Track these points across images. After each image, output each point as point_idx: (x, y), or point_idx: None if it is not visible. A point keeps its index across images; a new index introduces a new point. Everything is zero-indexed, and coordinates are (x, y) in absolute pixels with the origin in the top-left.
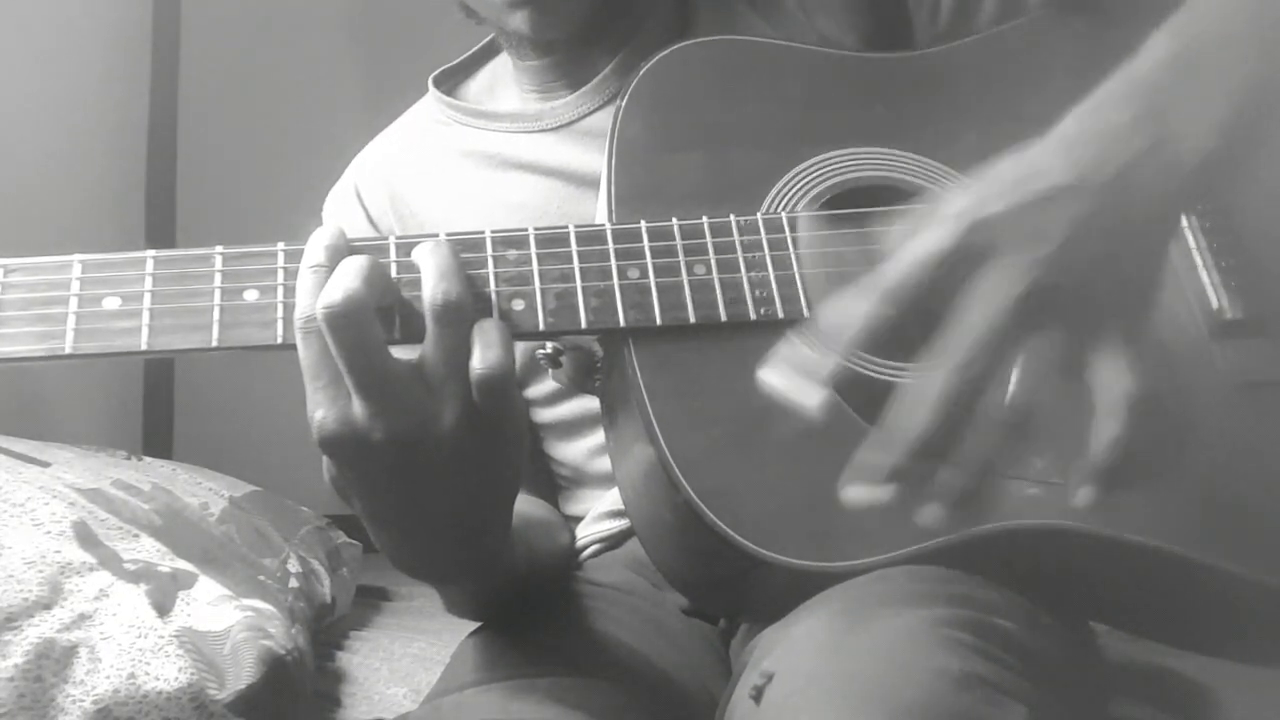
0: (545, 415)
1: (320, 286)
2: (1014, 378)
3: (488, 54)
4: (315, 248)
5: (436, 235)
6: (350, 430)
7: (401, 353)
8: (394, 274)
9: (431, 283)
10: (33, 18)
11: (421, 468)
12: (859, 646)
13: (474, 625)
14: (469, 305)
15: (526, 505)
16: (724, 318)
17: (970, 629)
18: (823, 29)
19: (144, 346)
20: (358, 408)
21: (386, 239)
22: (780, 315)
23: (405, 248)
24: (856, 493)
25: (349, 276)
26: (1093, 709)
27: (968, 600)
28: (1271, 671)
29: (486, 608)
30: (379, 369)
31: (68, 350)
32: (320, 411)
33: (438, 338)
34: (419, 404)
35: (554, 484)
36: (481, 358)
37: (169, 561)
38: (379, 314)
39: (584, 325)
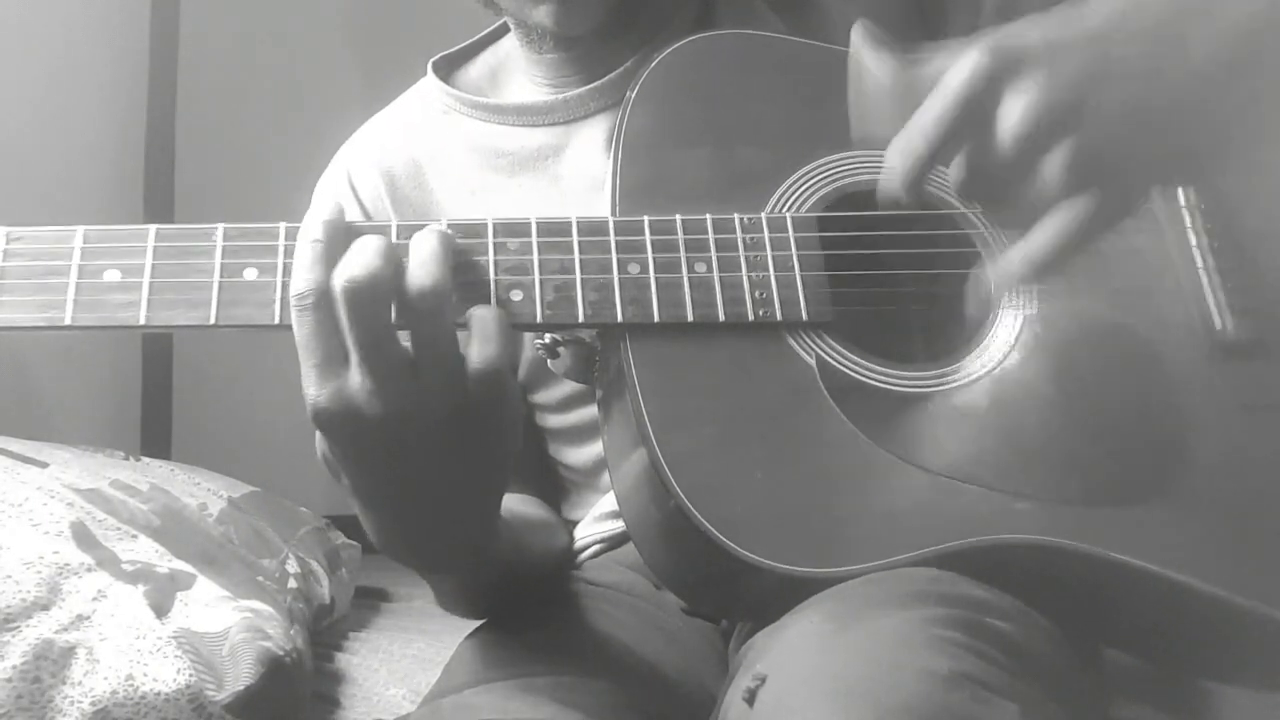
0: (553, 421)
1: (319, 262)
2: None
3: (490, 39)
4: (314, 222)
5: (439, 221)
6: (346, 406)
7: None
8: None
9: (410, 269)
10: None
11: (413, 448)
12: (848, 647)
13: (473, 626)
14: (446, 293)
15: (521, 504)
16: (722, 317)
17: (961, 628)
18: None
19: (142, 321)
20: (356, 384)
21: (387, 223)
22: (779, 317)
23: (406, 230)
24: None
25: (371, 253)
26: (1091, 708)
27: (959, 600)
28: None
29: (476, 603)
30: (386, 347)
31: (67, 321)
32: (314, 388)
33: (416, 324)
34: (416, 386)
35: (557, 487)
36: (480, 353)
37: (167, 562)
38: None
39: (581, 319)
